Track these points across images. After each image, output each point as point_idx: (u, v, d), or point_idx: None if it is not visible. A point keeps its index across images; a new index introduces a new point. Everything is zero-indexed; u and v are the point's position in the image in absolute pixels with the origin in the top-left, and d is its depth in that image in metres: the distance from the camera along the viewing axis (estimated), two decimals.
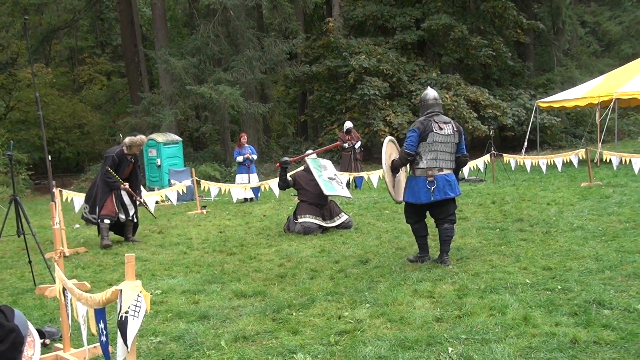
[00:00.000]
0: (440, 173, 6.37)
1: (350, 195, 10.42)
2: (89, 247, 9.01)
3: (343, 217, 9.36)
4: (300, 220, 9.13)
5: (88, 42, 34.63)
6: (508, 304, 4.78)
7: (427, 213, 6.75)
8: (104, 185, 9.00)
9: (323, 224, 9.18)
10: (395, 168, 6.78)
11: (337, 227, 9.24)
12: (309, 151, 10.41)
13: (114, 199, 9.01)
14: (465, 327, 4.37)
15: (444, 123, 6.44)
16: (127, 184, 9.09)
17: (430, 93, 6.65)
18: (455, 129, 6.49)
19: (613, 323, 4.22)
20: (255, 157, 14.55)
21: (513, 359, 3.78)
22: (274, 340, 4.41)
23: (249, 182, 13.97)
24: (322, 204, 9.35)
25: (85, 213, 9.22)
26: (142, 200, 9.55)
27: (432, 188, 6.32)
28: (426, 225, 6.71)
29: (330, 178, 9.74)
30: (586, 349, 3.86)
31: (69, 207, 11.74)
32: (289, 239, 8.66)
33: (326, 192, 9.30)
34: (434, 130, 6.33)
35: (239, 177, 14.51)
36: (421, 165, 6.37)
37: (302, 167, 10.23)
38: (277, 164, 9.85)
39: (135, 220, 9.32)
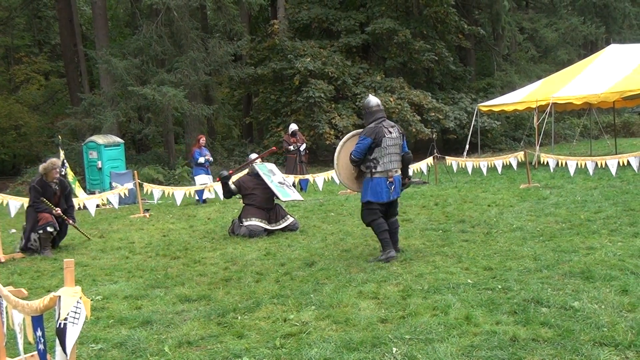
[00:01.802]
0: (396, 174, 6.90)
1: (301, 198, 10.49)
2: (26, 252, 8.68)
3: (289, 220, 9.36)
4: (246, 223, 9.07)
5: (25, 41, 33.43)
6: (451, 304, 4.87)
7: None
8: (33, 212, 8.65)
9: (269, 227, 9.16)
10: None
11: (283, 229, 9.23)
12: (253, 155, 10.35)
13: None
14: (409, 327, 4.43)
15: (391, 127, 6.93)
16: (59, 209, 8.77)
17: (373, 100, 7.09)
18: (399, 131, 7.01)
19: (550, 320, 4.36)
20: (211, 159, 14.56)
21: (456, 358, 3.86)
22: (219, 344, 4.37)
23: (210, 182, 13.86)
24: (268, 207, 9.33)
25: (21, 244, 8.69)
26: (74, 224, 9.19)
27: (392, 188, 6.83)
28: (385, 221, 6.92)
29: (280, 183, 9.71)
30: (525, 346, 3.97)
31: (4, 212, 11.34)
32: (234, 242, 8.59)
33: (283, 198, 9.34)
34: (386, 136, 6.80)
35: (199, 179, 14.40)
36: (379, 168, 6.78)
37: (244, 172, 10.27)
38: (217, 178, 9.79)
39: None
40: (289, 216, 9.46)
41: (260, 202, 9.30)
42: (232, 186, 9.56)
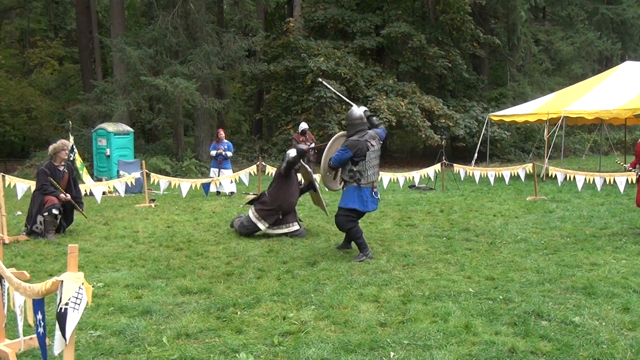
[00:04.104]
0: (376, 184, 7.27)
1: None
2: (31, 236, 8.71)
3: (293, 227, 8.67)
4: (252, 218, 8.57)
5: (41, 25, 33.56)
6: (451, 312, 4.86)
7: None
8: (40, 195, 8.66)
9: (269, 230, 8.60)
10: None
11: (284, 234, 8.62)
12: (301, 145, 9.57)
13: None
14: (408, 332, 4.42)
15: (373, 139, 7.18)
16: (69, 195, 8.78)
17: (357, 112, 7.28)
18: (379, 139, 7.28)
19: (550, 334, 4.35)
20: (230, 153, 14.56)
21: None
22: (217, 338, 4.37)
23: (219, 176, 13.93)
24: (286, 212, 8.65)
25: (27, 228, 8.71)
26: (82, 211, 9.21)
27: (376, 197, 7.20)
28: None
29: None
30: (524, 358, 3.96)
31: (11, 194, 11.38)
32: (237, 237, 8.60)
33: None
34: (370, 149, 7.08)
35: (212, 171, 14.58)
36: (363, 181, 7.06)
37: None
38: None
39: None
40: (295, 223, 8.73)
41: (288, 205, 8.64)
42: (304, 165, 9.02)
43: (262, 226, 8.58)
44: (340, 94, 8.70)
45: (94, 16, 26.86)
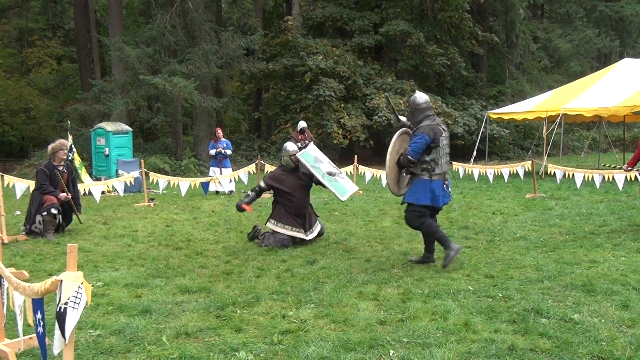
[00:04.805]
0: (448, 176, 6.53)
1: (357, 188, 9.03)
2: (30, 235, 8.70)
3: (319, 226, 8.14)
4: (278, 229, 7.74)
5: (39, 24, 33.52)
6: (450, 310, 4.87)
7: None
8: (39, 194, 8.64)
9: (305, 236, 7.84)
10: (400, 166, 6.52)
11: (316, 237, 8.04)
12: (290, 147, 8.31)
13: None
14: (407, 330, 4.43)
15: (442, 123, 6.49)
16: (69, 194, 8.78)
17: (421, 97, 6.52)
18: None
19: (549, 331, 4.35)
20: (229, 152, 14.56)
21: None
22: (217, 337, 4.37)
23: (220, 175, 13.95)
24: (304, 213, 7.97)
25: (26, 227, 8.71)
26: (79, 214, 9.20)
27: (447, 190, 6.47)
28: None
29: (330, 173, 8.06)
30: (523, 355, 3.96)
31: (10, 193, 11.37)
32: (236, 236, 8.60)
33: (342, 197, 7.88)
34: (442, 134, 6.34)
35: (211, 170, 14.62)
36: (437, 170, 6.31)
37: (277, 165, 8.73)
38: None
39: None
40: (318, 221, 8.22)
41: (298, 206, 7.90)
42: (262, 184, 8.11)
43: (299, 235, 7.82)
44: (395, 109, 7.49)
45: (92, 15, 26.85)
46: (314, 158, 8.13)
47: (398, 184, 6.69)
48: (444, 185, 6.38)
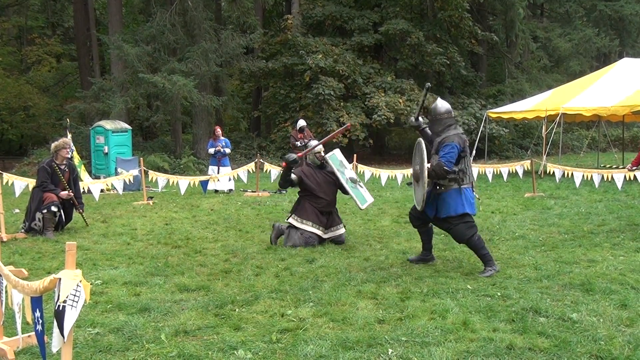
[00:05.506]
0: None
1: (373, 199, 8.73)
2: (29, 233, 8.70)
3: (340, 230, 7.95)
4: (302, 227, 7.64)
5: (38, 22, 33.49)
6: (449, 309, 4.87)
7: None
8: (40, 192, 8.64)
9: (324, 235, 7.77)
10: (430, 178, 6.16)
11: (331, 240, 7.86)
12: (313, 142, 8.52)
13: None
14: (406, 329, 4.43)
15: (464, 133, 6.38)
16: (71, 191, 8.78)
17: (443, 105, 6.35)
18: None
19: (548, 331, 4.35)
20: (228, 150, 14.58)
21: None
22: (215, 335, 4.37)
23: (218, 173, 13.96)
24: (330, 212, 7.93)
25: (25, 225, 8.70)
26: (81, 211, 9.20)
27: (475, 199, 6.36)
28: None
29: (352, 180, 8.15)
30: (521, 354, 3.96)
31: (9, 191, 11.35)
32: (235, 235, 8.60)
33: (362, 206, 7.99)
34: (467, 143, 6.26)
35: (210, 169, 14.65)
36: (466, 180, 6.18)
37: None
38: (284, 163, 7.91)
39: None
40: (341, 224, 8.05)
41: (324, 203, 7.83)
42: (293, 176, 7.86)
43: (320, 233, 7.71)
44: (423, 106, 7.31)
45: (91, 13, 26.83)
46: (339, 162, 8.17)
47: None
48: (474, 193, 6.30)
